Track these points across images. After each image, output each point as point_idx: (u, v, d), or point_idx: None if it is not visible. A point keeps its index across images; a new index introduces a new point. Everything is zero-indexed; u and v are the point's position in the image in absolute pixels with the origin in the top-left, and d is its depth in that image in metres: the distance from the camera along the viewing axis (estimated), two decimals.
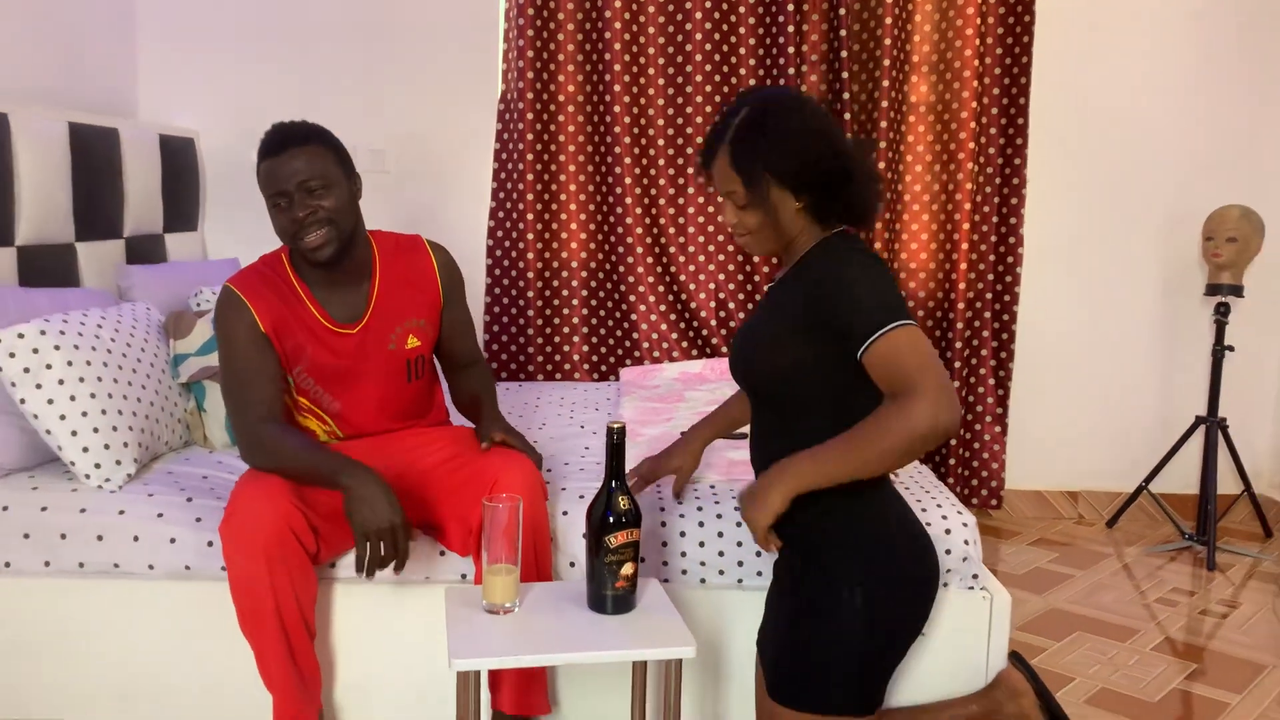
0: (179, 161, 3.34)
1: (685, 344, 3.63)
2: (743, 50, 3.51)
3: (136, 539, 2.13)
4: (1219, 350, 3.51)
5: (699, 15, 3.48)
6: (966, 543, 2.14)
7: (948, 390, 1.55)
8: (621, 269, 3.59)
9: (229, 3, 3.51)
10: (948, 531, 2.15)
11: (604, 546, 1.68)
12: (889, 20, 3.47)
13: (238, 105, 3.55)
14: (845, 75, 3.47)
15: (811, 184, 1.70)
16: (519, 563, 1.70)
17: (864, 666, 1.75)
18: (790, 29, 3.43)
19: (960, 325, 3.56)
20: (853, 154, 1.73)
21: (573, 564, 2.13)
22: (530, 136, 3.51)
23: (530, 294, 3.59)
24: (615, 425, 1.69)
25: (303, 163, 1.99)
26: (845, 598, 1.71)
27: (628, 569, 1.69)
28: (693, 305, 3.61)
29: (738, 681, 2.16)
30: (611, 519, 1.67)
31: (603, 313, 3.67)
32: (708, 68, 3.51)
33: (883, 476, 1.76)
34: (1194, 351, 3.78)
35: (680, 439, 2.14)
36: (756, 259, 3.56)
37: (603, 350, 3.69)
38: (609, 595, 1.69)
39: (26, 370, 2.16)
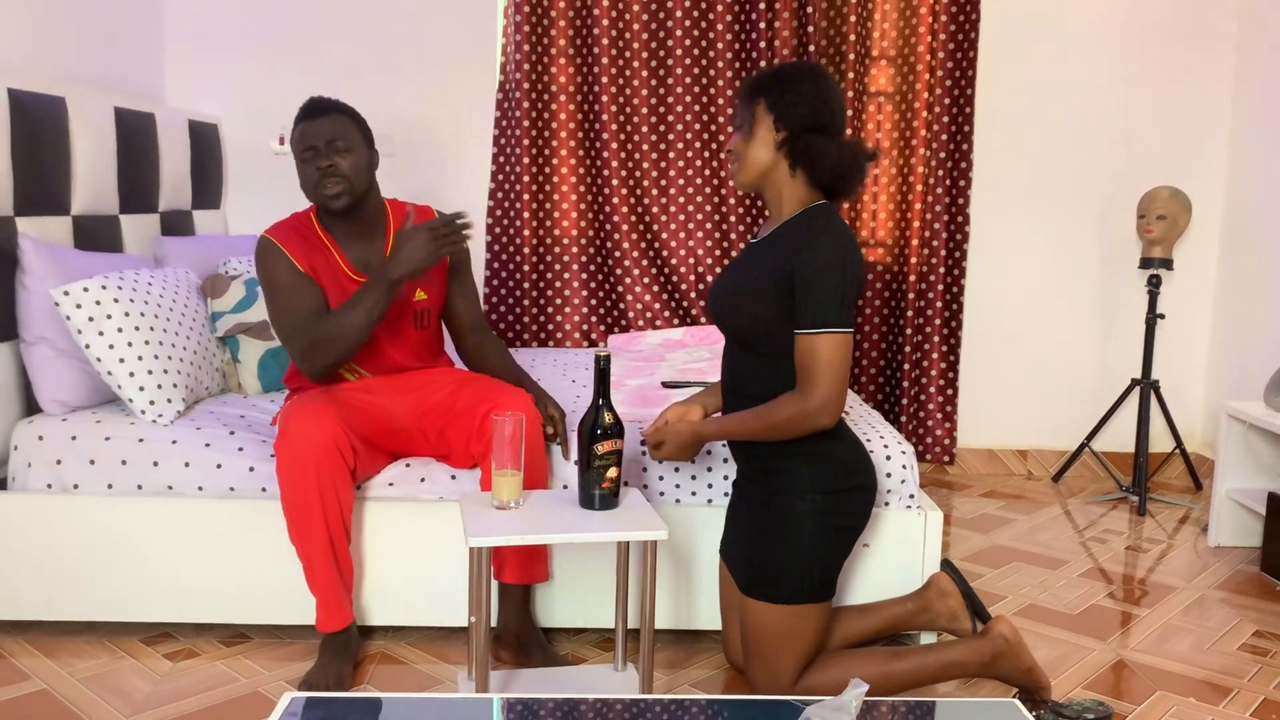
0: (204, 145, 3.66)
1: (667, 314, 3.97)
2: (720, 45, 3.84)
3: (187, 465, 2.47)
4: (1152, 318, 3.85)
5: (679, 13, 3.82)
6: (905, 468, 2.49)
7: (831, 402, 1.98)
8: (609, 245, 3.93)
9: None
10: (888, 458, 2.50)
11: (592, 454, 2.01)
12: (852, 17, 3.82)
13: (255, 96, 3.87)
14: None
15: (792, 121, 2.03)
16: (522, 468, 2.04)
17: (820, 561, 2.09)
18: (762, 25, 3.76)
19: (912, 296, 3.91)
20: (840, 125, 2.07)
21: (565, 486, 2.47)
22: (526, 123, 3.84)
23: (526, 268, 3.92)
24: (601, 354, 2.02)
25: (330, 126, 2.34)
26: (802, 505, 2.06)
27: (612, 473, 2.03)
28: (674, 279, 3.95)
29: (705, 587, 2.50)
30: (599, 431, 2.01)
31: (593, 285, 4.01)
32: (687, 61, 3.85)
33: None
34: (1130, 320, 4.13)
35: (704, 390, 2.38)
36: (734, 236, 3.90)
37: (593, 319, 4.02)
38: (597, 494, 2.03)
39: (90, 319, 2.48)
